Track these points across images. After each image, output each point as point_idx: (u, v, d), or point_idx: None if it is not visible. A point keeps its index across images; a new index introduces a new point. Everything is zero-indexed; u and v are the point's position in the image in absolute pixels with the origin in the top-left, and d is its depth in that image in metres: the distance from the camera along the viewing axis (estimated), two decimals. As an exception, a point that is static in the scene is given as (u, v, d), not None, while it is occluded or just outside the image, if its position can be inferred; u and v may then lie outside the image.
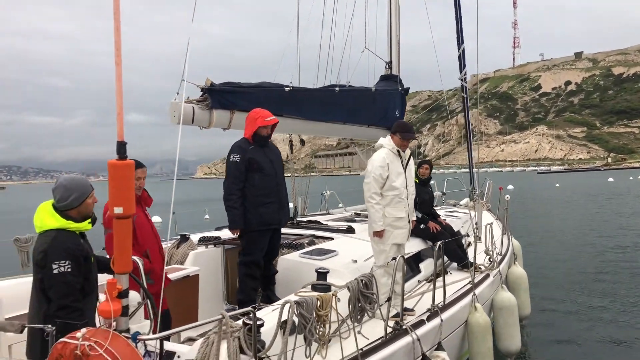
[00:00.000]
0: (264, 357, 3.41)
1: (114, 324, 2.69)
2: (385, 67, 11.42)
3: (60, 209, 3.47)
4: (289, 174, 9.76)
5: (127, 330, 2.78)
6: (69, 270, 3.30)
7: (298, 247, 6.48)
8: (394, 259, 5.01)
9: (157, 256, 4.85)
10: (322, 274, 4.53)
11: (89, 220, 3.58)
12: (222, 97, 6.23)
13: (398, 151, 5.84)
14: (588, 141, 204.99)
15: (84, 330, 2.59)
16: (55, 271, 3.28)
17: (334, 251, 6.12)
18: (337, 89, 8.64)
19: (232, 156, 5.71)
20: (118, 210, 2.67)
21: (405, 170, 5.84)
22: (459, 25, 12.58)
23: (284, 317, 3.51)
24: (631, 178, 78.96)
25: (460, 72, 12.90)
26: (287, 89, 7.32)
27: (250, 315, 3.26)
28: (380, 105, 9.95)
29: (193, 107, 5.92)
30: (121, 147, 2.74)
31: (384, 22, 11.52)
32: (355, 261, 5.96)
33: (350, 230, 7.35)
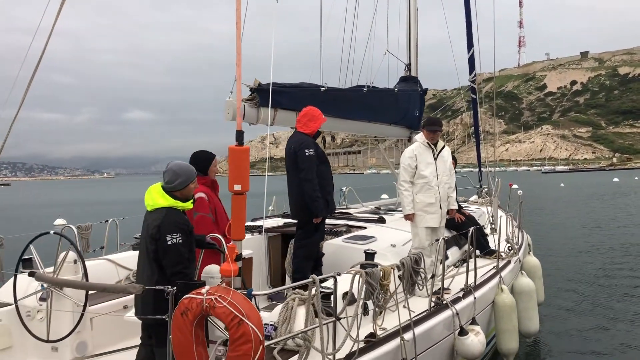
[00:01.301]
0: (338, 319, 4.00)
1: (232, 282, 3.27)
2: (405, 69, 11.99)
3: (167, 190, 4.07)
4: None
5: (240, 289, 3.34)
6: (180, 241, 3.86)
7: (338, 234, 7.08)
8: (437, 240, 5.63)
9: None
10: (370, 255, 5.13)
11: (191, 201, 4.18)
12: (268, 96, 6.82)
13: (428, 144, 6.46)
14: (593, 141, 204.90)
15: (207, 287, 3.16)
16: (169, 242, 3.83)
17: (372, 237, 6.73)
18: (364, 89, 9.20)
19: (307, 150, 6.08)
20: (237, 187, 3.26)
21: (436, 160, 6.45)
22: (469, 29, 13.10)
23: (354, 285, 4.10)
24: (636, 178, 79.20)
25: (470, 74, 13.44)
26: (322, 89, 7.91)
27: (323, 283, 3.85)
28: (402, 105, 10.52)
29: (244, 105, 6.52)
30: (239, 135, 3.35)
31: (393, 23, 12.07)
32: (394, 245, 6.58)
33: (382, 220, 7.94)
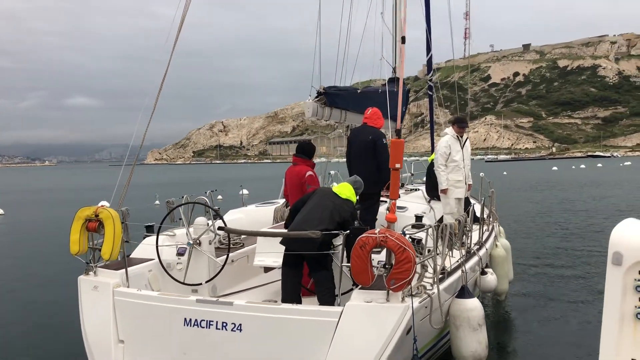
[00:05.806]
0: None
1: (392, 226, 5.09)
2: (392, 72, 13.87)
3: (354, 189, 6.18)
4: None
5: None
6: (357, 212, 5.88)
7: None
8: (468, 208, 7.66)
9: None
10: (419, 217, 7.08)
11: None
12: (330, 97, 8.69)
13: (457, 136, 8.52)
14: (534, 131, 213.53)
15: (378, 229, 4.88)
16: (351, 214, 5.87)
17: (405, 207, 8.73)
18: (380, 90, 11.10)
19: (384, 140, 7.98)
20: (397, 165, 5.04)
21: (462, 148, 8.52)
22: (428, 34, 14.92)
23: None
24: (573, 167, 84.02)
25: (428, 74, 15.35)
26: (359, 91, 9.80)
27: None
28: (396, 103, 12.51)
29: (317, 105, 8.39)
30: (398, 133, 5.19)
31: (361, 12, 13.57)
32: (425, 213, 8.55)
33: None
